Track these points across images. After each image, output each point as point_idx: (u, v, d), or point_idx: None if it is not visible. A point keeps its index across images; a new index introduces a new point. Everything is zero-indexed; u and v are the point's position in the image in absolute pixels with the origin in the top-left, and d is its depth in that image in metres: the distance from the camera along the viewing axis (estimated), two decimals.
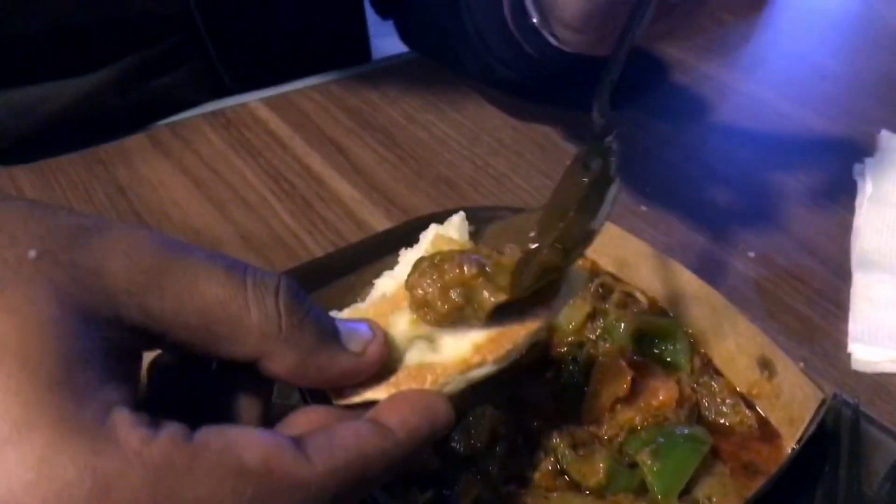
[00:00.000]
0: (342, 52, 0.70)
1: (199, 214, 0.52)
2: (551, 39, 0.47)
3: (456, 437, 0.34)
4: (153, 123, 0.60)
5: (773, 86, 0.68)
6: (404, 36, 0.71)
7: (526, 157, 0.59)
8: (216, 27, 0.62)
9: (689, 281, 0.39)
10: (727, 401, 0.36)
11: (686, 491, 0.32)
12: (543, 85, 0.58)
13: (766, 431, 0.35)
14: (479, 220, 0.42)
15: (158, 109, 0.61)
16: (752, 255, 0.51)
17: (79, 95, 0.58)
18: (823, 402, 0.33)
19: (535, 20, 0.47)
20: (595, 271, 0.41)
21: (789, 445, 0.34)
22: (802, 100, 0.50)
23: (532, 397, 0.37)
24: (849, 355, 0.44)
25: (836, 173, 0.57)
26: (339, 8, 0.69)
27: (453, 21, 0.59)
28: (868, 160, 0.57)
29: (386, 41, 0.74)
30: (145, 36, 0.60)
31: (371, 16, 0.73)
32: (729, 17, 0.79)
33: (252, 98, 0.63)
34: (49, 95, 0.58)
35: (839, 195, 0.55)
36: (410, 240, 0.36)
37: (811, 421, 0.33)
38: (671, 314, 0.40)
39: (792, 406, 0.35)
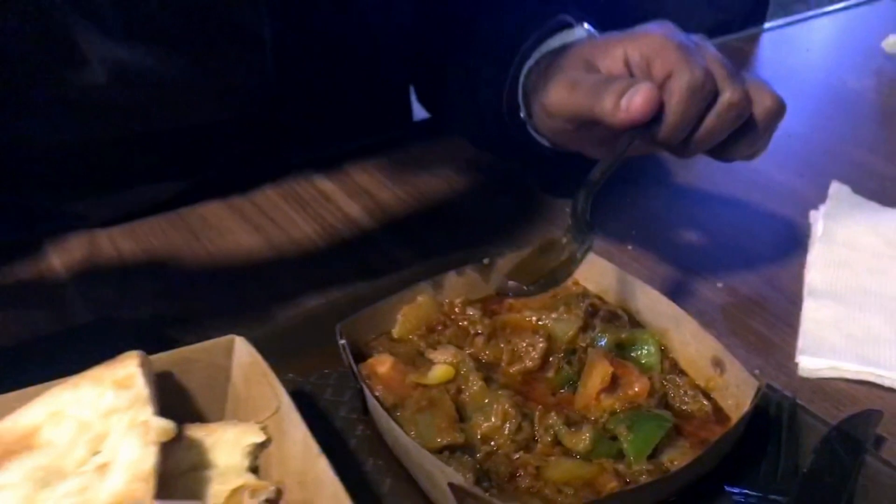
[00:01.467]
0: (388, 117, 0.82)
1: (258, 252, 0.63)
2: (532, 132, 0.59)
3: (475, 419, 0.44)
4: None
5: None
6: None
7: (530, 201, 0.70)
8: (299, 137, 0.73)
9: (659, 301, 0.50)
10: (689, 392, 0.45)
11: (653, 456, 0.42)
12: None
13: (720, 416, 0.45)
14: (492, 255, 0.53)
15: None
16: (720, 285, 0.61)
17: (147, 206, 0.68)
18: (759, 389, 0.43)
19: (522, 115, 0.59)
20: (586, 294, 0.52)
21: None
22: (769, 155, 0.59)
23: (536, 392, 0.47)
24: (796, 364, 0.53)
25: (794, 218, 0.68)
26: (391, 83, 0.81)
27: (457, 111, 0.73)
28: (821, 206, 0.67)
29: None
30: (212, 143, 0.70)
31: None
32: None
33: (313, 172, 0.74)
34: (119, 203, 0.67)
35: (796, 236, 0.65)
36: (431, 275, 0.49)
37: (751, 403, 0.42)
38: (645, 327, 0.50)
39: (738, 395, 0.44)
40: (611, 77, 0.51)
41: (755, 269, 0.62)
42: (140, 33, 0.61)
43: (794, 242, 0.65)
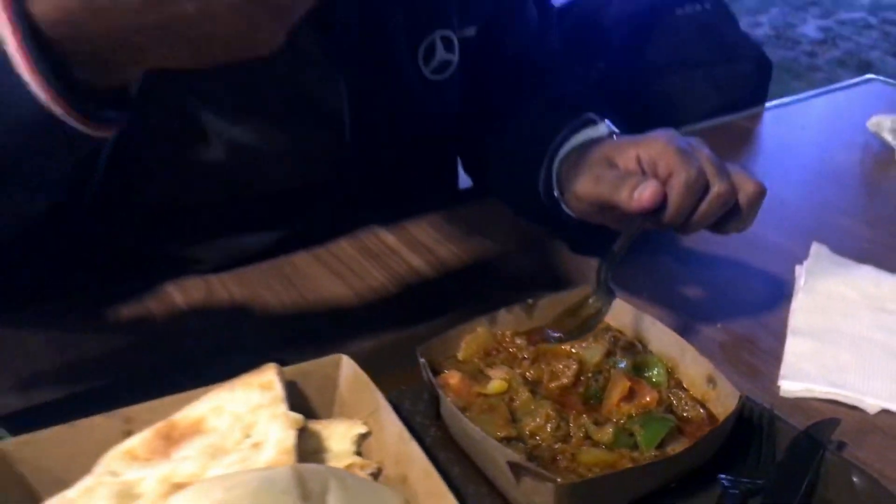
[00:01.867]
0: (438, 185, 0.98)
1: (340, 294, 0.78)
2: (564, 207, 0.74)
3: (524, 420, 0.57)
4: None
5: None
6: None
7: (561, 256, 0.84)
8: (370, 200, 0.88)
9: (667, 334, 0.63)
10: (688, 403, 0.59)
11: (660, 447, 0.55)
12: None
13: (712, 420, 0.58)
14: (534, 297, 0.67)
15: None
16: (719, 325, 0.74)
17: (249, 252, 0.83)
18: (741, 397, 0.56)
19: (556, 194, 0.74)
20: (609, 329, 0.66)
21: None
22: (763, 218, 0.72)
23: (570, 402, 0.60)
24: (778, 387, 0.67)
25: (782, 272, 0.81)
26: (443, 157, 0.97)
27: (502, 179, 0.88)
28: (805, 262, 0.81)
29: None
30: (303, 203, 0.85)
31: None
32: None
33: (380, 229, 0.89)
34: (226, 248, 0.83)
35: (783, 287, 0.79)
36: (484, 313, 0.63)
37: (735, 408, 0.55)
38: (655, 354, 0.63)
39: (726, 404, 0.57)
40: (626, 173, 0.66)
41: (748, 313, 0.75)
42: (248, 115, 0.77)
43: (781, 292, 0.78)
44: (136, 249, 0.81)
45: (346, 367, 0.59)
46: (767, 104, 1.21)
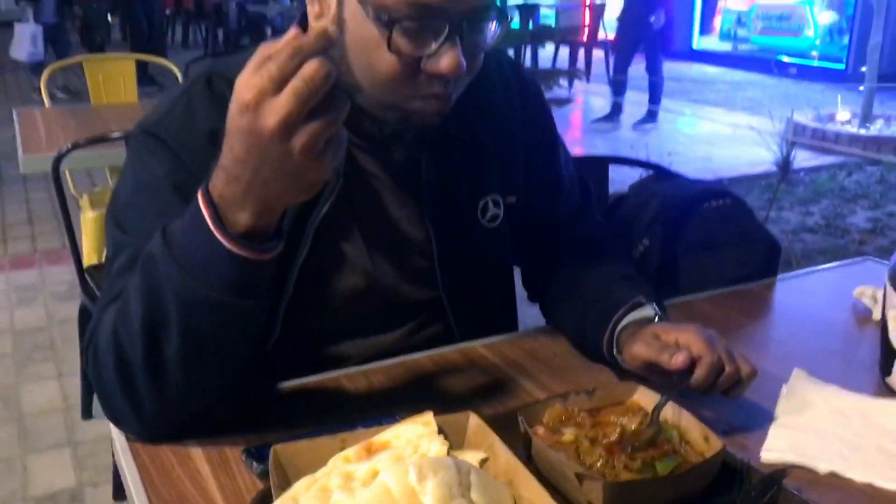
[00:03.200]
0: (504, 318, 1.35)
1: (456, 384, 1.13)
2: (619, 360, 1.10)
3: (585, 458, 0.90)
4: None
5: (759, 354, 1.26)
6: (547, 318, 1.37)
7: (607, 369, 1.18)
8: (454, 306, 1.26)
9: (681, 412, 0.96)
10: (692, 453, 0.91)
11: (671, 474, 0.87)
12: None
13: None
14: (593, 388, 1.02)
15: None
16: (723, 421, 1.06)
17: (380, 347, 1.23)
18: (723, 446, 0.88)
19: (614, 350, 1.11)
20: (642, 409, 0.99)
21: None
22: (764, 356, 1.05)
23: (616, 452, 0.93)
24: (760, 456, 0.98)
25: (773, 389, 1.13)
26: (503, 296, 1.35)
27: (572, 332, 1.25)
28: (789, 383, 1.13)
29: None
30: (413, 311, 1.25)
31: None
32: (738, 316, 1.40)
33: (475, 343, 1.27)
34: (365, 345, 1.22)
35: (772, 399, 1.10)
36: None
37: (720, 450, 0.88)
38: (671, 423, 0.96)
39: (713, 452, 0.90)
40: (667, 346, 1.03)
41: (746, 415, 1.08)
42: (374, 250, 1.17)
43: (769, 401, 1.10)
44: (306, 349, 1.19)
45: (473, 418, 0.94)
46: (778, 276, 1.56)
